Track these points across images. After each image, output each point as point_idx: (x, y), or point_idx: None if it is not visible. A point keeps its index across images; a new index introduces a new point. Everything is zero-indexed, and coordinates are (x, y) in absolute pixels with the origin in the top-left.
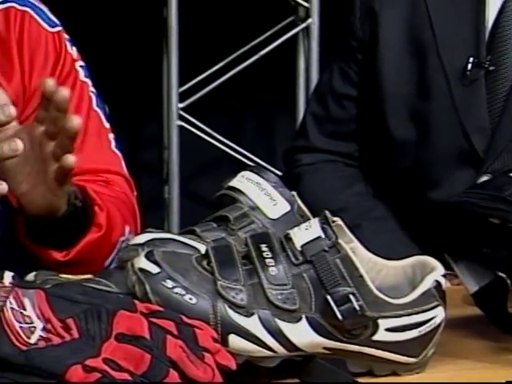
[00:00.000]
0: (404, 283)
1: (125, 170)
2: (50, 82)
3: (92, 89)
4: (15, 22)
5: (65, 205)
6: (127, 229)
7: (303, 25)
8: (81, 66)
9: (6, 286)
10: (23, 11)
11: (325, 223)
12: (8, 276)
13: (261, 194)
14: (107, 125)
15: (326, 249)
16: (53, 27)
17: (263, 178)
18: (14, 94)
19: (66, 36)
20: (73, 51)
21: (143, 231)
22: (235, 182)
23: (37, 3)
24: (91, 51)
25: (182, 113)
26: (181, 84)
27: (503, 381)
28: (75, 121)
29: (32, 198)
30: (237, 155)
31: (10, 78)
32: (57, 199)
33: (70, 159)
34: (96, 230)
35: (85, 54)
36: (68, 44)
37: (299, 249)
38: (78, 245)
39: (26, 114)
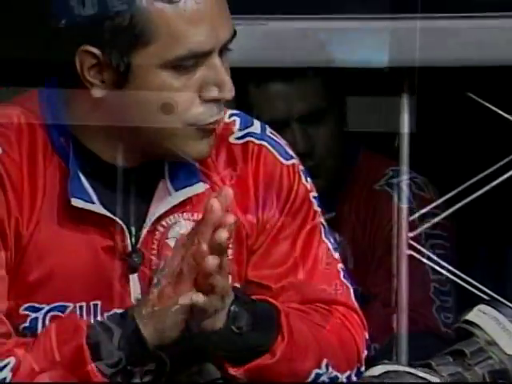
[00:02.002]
0: None
1: (353, 302)
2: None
3: (322, 219)
4: (252, 155)
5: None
6: (324, 362)
7: None
8: (314, 197)
9: None
10: (260, 145)
11: None
12: None
13: (498, 328)
14: (336, 255)
15: None
16: (288, 160)
17: (501, 312)
18: (249, 226)
19: (301, 167)
20: (307, 182)
21: (378, 362)
22: (472, 316)
23: (274, 137)
24: None
25: (411, 242)
26: (411, 213)
27: None
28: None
29: None
30: (466, 285)
31: (245, 211)
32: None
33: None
34: (269, 356)
35: None
36: (302, 175)
37: None
38: (248, 365)
39: (256, 247)
